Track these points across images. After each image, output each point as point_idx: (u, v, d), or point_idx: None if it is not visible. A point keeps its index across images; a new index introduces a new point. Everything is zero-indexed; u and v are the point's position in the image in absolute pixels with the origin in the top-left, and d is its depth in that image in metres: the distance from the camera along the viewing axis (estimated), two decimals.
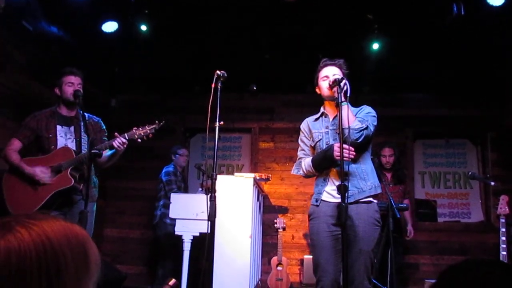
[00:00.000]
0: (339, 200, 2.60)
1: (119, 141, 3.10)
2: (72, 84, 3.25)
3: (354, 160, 2.64)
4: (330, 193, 2.73)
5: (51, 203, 3.13)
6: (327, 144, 2.78)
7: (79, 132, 3.29)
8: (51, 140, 3.22)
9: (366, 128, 2.65)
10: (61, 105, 3.33)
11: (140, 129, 3.17)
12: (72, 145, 3.26)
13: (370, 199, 2.72)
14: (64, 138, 3.26)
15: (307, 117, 3.01)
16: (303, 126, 2.98)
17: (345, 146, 2.45)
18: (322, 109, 2.93)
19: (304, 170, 2.86)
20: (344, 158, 2.41)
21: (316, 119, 2.93)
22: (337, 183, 2.62)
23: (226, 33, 4.73)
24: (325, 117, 2.89)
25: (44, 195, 3.11)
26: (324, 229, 2.68)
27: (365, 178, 2.72)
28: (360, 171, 2.72)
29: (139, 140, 3.16)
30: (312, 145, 2.88)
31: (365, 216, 2.65)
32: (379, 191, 2.76)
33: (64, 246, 0.75)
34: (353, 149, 2.53)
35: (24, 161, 3.17)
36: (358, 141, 2.61)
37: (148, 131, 3.17)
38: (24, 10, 4.03)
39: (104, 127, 3.48)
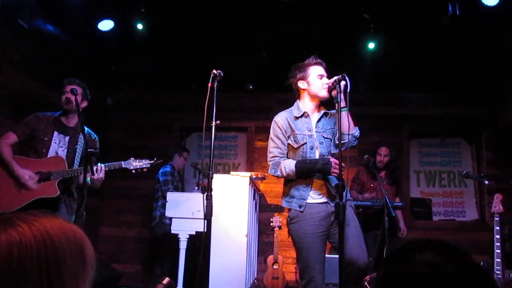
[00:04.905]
0: (324, 200, 2.69)
1: (95, 176, 3.10)
2: (65, 92, 3.23)
3: None
4: (313, 197, 2.70)
5: (31, 207, 3.01)
6: (311, 149, 2.72)
7: (74, 144, 3.27)
8: (45, 143, 3.17)
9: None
10: (62, 112, 3.30)
11: (137, 161, 3.22)
12: (63, 153, 3.22)
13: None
14: (57, 144, 3.22)
15: None
16: (281, 122, 2.78)
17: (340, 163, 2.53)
18: (301, 107, 2.82)
19: (284, 173, 2.70)
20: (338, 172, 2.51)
21: (296, 118, 2.79)
22: (323, 190, 2.70)
23: (223, 31, 4.74)
24: (306, 117, 2.79)
25: (27, 197, 3.04)
26: (312, 231, 2.64)
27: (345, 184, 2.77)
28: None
29: (133, 172, 3.20)
30: (295, 147, 2.74)
31: (348, 211, 2.69)
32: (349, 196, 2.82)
33: (63, 242, 0.76)
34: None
35: (16, 159, 3.07)
36: (354, 147, 2.75)
37: (144, 165, 3.21)
38: (20, 9, 4.01)
39: (98, 146, 3.43)
